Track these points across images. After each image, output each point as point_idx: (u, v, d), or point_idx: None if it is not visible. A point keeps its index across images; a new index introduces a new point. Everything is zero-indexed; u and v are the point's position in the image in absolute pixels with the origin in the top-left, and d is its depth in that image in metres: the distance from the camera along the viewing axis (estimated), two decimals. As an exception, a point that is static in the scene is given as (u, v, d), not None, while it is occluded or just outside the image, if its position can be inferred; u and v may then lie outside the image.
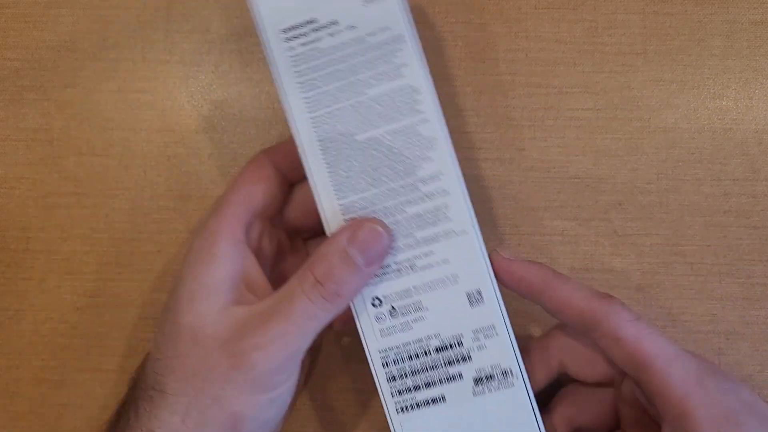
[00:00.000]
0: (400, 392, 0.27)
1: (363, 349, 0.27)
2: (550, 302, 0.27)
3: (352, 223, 0.27)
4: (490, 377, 0.27)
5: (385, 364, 0.27)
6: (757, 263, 0.34)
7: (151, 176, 0.35)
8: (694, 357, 0.26)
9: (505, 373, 0.27)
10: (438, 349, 0.27)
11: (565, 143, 0.34)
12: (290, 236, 0.32)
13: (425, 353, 0.27)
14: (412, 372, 0.27)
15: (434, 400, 0.27)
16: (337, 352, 0.34)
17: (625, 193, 0.34)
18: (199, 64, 0.35)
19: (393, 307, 0.27)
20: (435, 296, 0.27)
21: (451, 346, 0.27)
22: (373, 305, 0.27)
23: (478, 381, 0.27)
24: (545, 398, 0.30)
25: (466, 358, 0.27)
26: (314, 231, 0.31)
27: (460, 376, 0.27)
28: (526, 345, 0.29)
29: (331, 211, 0.27)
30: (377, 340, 0.27)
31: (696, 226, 0.34)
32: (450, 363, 0.27)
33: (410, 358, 0.27)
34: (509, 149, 0.34)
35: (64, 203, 0.35)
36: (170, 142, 0.35)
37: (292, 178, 0.30)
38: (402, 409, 0.27)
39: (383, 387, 0.27)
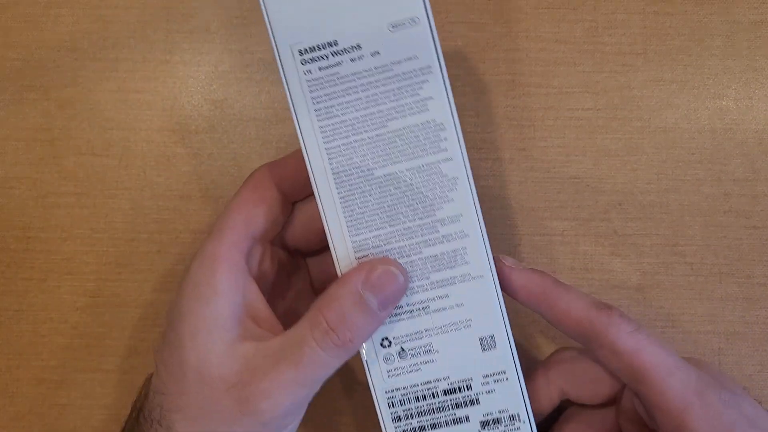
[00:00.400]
0: None
1: (369, 387, 0.27)
2: (550, 312, 0.27)
3: (366, 263, 0.25)
4: (497, 421, 0.26)
5: (391, 405, 0.26)
6: (757, 263, 0.34)
7: (151, 176, 0.35)
8: (695, 368, 0.26)
9: (512, 418, 0.26)
10: (446, 392, 0.26)
11: (565, 143, 0.34)
12: (291, 253, 0.31)
13: (433, 395, 0.26)
14: (418, 413, 0.26)
15: None
16: (338, 385, 0.34)
17: (625, 193, 0.34)
18: (199, 64, 0.35)
19: (402, 349, 0.26)
20: (447, 339, 0.26)
21: (459, 389, 0.26)
22: (382, 345, 0.26)
23: (484, 424, 0.26)
24: (547, 423, 0.30)
25: (474, 402, 0.26)
26: (316, 249, 0.30)
27: (467, 419, 0.26)
28: (528, 373, 0.28)
29: (343, 249, 0.26)
30: (384, 380, 0.26)
31: (696, 226, 0.34)
32: (457, 406, 0.26)
33: (417, 399, 0.26)
34: (509, 149, 0.34)
35: (64, 203, 0.35)
36: (170, 142, 0.35)
37: (293, 196, 0.29)
38: None
39: (387, 427, 0.27)
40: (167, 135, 0.35)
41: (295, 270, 0.31)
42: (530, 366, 0.29)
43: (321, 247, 0.30)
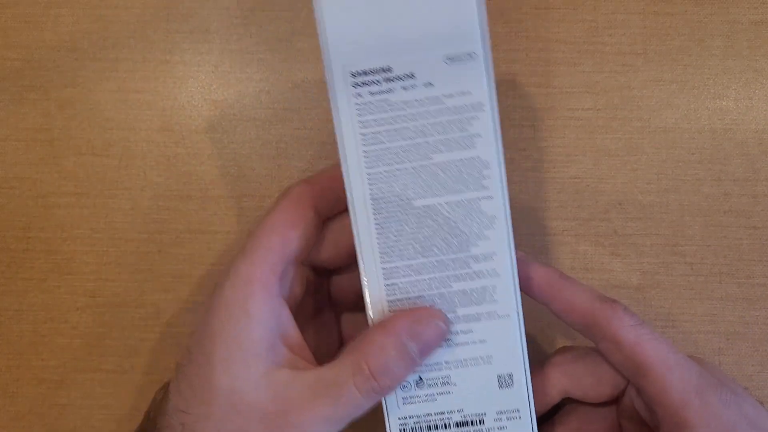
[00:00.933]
0: None
1: (383, 410, 0.27)
2: (554, 304, 0.27)
3: (413, 313, 0.25)
4: None
5: (403, 431, 0.27)
6: (757, 263, 0.34)
7: (151, 176, 0.35)
8: (697, 365, 0.26)
9: None
10: (458, 424, 0.26)
11: (565, 143, 0.34)
12: (314, 270, 0.30)
13: (445, 426, 0.27)
14: None
15: None
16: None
17: (625, 193, 0.34)
18: (199, 64, 0.35)
19: (421, 378, 0.26)
20: (465, 373, 0.26)
21: (472, 423, 0.26)
22: None
23: None
24: (547, 415, 0.29)
25: None
26: (342, 266, 0.30)
27: None
28: (532, 369, 0.28)
29: (373, 275, 0.26)
30: (399, 407, 0.27)
31: (696, 226, 0.34)
32: None
33: (429, 428, 0.27)
34: (509, 149, 0.34)
35: (64, 203, 0.35)
36: (170, 142, 0.35)
37: (326, 214, 0.29)
38: None
39: None
40: (167, 135, 0.35)
41: (318, 290, 0.31)
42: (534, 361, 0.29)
43: (347, 264, 0.30)
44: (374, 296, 0.26)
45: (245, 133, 0.35)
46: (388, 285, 0.26)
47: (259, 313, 0.25)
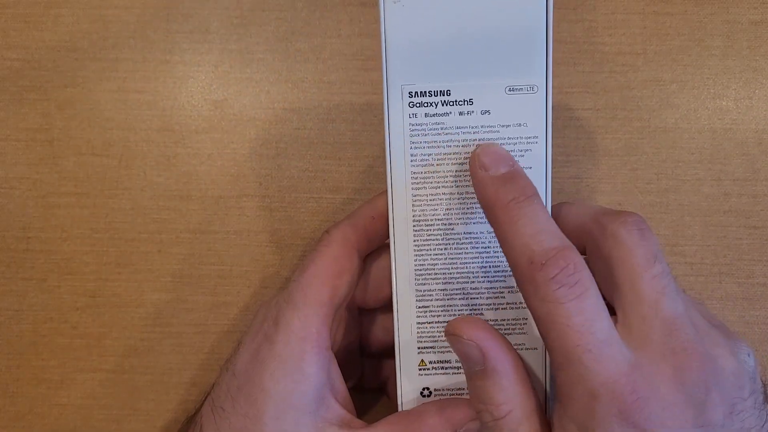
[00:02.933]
0: None
1: None
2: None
3: (453, 409, 0.25)
4: None
5: None
6: (757, 263, 0.34)
7: (151, 176, 0.35)
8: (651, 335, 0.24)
9: None
10: None
11: (565, 143, 0.34)
12: (349, 310, 0.30)
13: None
14: None
15: None
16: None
17: (625, 193, 0.34)
18: (199, 64, 0.35)
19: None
20: None
21: None
22: (422, 395, 0.27)
23: None
24: None
25: None
26: (378, 307, 0.30)
27: None
28: None
29: (405, 295, 0.26)
30: None
31: (696, 226, 0.34)
32: None
33: None
34: (509, 149, 0.34)
35: (64, 203, 0.35)
36: (170, 142, 0.35)
37: (366, 252, 0.28)
38: None
39: None
40: (167, 135, 0.35)
41: (352, 328, 0.30)
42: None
43: (382, 305, 0.30)
44: (404, 315, 0.26)
45: (245, 133, 0.35)
46: (419, 307, 0.26)
47: (313, 371, 0.25)
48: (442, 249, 0.25)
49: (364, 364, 0.32)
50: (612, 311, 0.23)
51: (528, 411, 0.23)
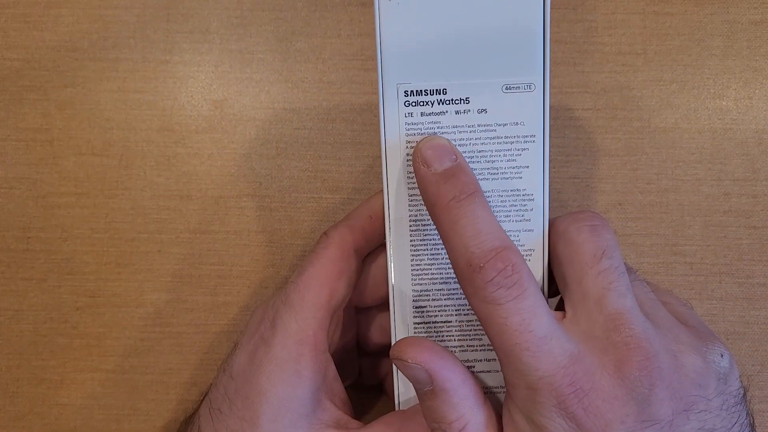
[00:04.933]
0: None
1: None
2: None
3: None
4: None
5: None
6: (757, 263, 0.34)
7: (151, 176, 0.35)
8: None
9: None
10: None
11: (565, 143, 0.34)
12: (345, 310, 0.30)
13: None
14: None
15: None
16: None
17: (625, 193, 0.34)
18: (199, 64, 0.35)
19: None
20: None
21: None
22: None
23: None
24: None
25: None
26: (375, 305, 0.30)
27: None
28: None
29: (401, 295, 0.26)
30: None
31: (696, 226, 0.34)
32: None
33: None
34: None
35: (64, 203, 0.35)
36: (170, 142, 0.35)
37: (364, 253, 0.28)
38: None
39: None
40: (167, 135, 0.35)
41: (348, 326, 0.30)
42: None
43: (379, 304, 0.30)
44: (400, 315, 0.26)
45: (245, 133, 0.35)
46: (416, 307, 0.26)
47: (310, 374, 0.25)
48: (439, 249, 0.25)
49: (361, 362, 0.32)
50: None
51: (482, 422, 0.24)
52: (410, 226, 0.25)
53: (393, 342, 0.26)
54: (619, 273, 0.23)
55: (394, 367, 0.27)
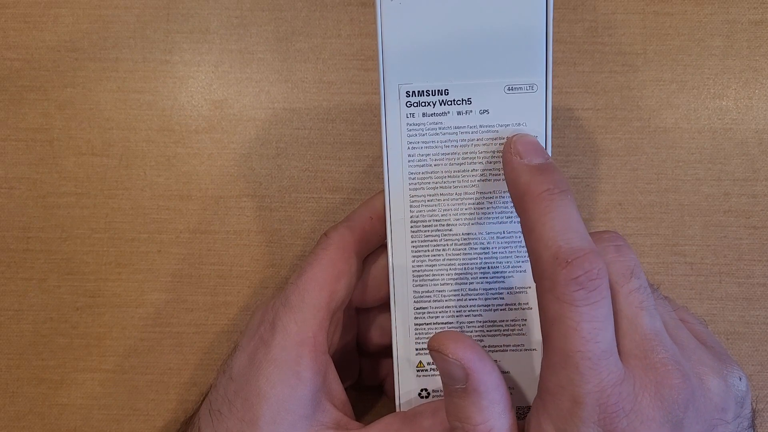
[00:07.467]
0: None
1: None
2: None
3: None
4: None
5: None
6: (757, 263, 0.34)
7: (151, 176, 0.35)
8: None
9: None
10: None
11: (565, 143, 0.34)
12: (346, 310, 0.30)
13: None
14: None
15: None
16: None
17: (625, 193, 0.34)
18: (199, 64, 0.35)
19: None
20: None
21: None
22: (420, 396, 0.26)
23: None
24: None
25: None
26: (375, 306, 0.30)
27: None
28: None
29: (403, 296, 0.25)
30: None
31: (696, 226, 0.34)
32: None
33: None
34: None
35: (64, 203, 0.35)
36: (170, 142, 0.35)
37: (365, 254, 0.28)
38: None
39: None
40: (167, 135, 0.35)
41: (349, 327, 0.30)
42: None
43: (380, 305, 0.30)
44: (401, 317, 0.26)
45: (245, 133, 0.35)
46: (417, 308, 0.26)
47: (310, 375, 0.25)
48: (440, 250, 0.25)
49: (361, 364, 0.32)
50: None
51: (506, 428, 0.23)
52: (411, 227, 0.25)
53: (393, 343, 0.26)
54: (648, 293, 0.23)
55: (395, 367, 0.27)
